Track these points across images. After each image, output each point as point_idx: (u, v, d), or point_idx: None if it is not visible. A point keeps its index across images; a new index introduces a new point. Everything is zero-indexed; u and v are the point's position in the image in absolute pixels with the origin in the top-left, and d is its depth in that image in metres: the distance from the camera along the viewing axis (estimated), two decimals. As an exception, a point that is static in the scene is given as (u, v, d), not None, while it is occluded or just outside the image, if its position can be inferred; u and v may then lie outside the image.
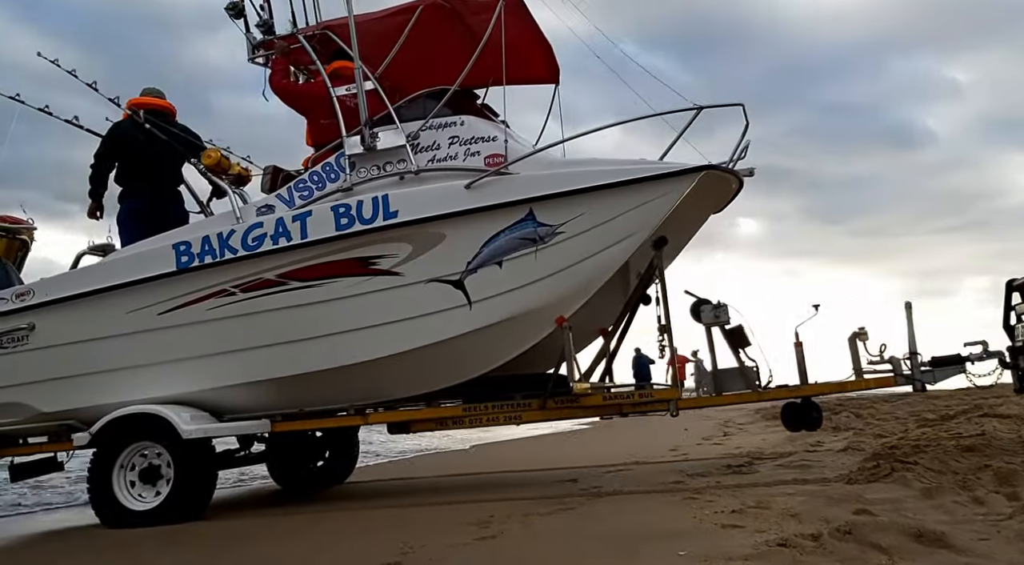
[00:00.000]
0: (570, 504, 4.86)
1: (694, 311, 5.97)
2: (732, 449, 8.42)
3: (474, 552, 3.66)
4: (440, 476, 8.05)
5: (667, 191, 5.35)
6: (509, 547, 3.75)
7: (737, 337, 5.92)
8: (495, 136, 5.57)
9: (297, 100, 6.12)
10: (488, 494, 5.69)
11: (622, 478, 6.23)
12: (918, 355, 5.59)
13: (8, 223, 7.25)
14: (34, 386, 6.08)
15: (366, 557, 3.70)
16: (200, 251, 5.66)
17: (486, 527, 4.19)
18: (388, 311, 5.45)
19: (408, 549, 3.73)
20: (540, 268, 5.38)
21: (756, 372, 5.90)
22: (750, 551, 3.08)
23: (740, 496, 4.56)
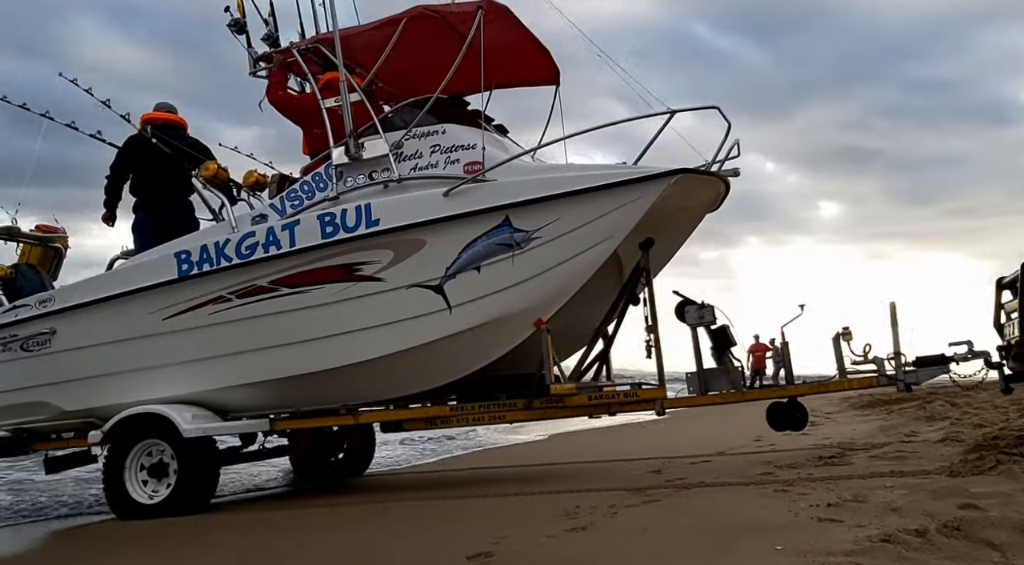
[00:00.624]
0: (655, 496, 4.80)
1: (679, 312, 6.01)
2: (821, 439, 8.09)
3: (565, 544, 3.64)
4: (521, 466, 7.99)
5: (640, 195, 5.40)
6: (600, 539, 3.71)
7: (722, 337, 5.95)
8: (474, 144, 5.70)
9: (291, 111, 6.37)
10: (571, 485, 5.65)
11: (707, 469, 6.12)
12: (902, 355, 5.53)
13: (42, 232, 7.72)
14: (57, 386, 6.50)
15: (456, 547, 3.70)
16: (199, 259, 5.97)
17: (574, 518, 4.18)
18: (372, 316, 5.65)
19: (498, 539, 3.73)
20: (517, 273, 5.50)
21: (741, 372, 5.93)
22: (851, 547, 2.97)
23: (835, 489, 4.43)
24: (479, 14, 5.80)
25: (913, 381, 5.51)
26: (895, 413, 10.98)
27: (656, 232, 5.98)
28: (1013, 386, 5.33)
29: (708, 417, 12.68)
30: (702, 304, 5.95)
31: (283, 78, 6.49)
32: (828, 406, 14.52)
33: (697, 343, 6.00)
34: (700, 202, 6.21)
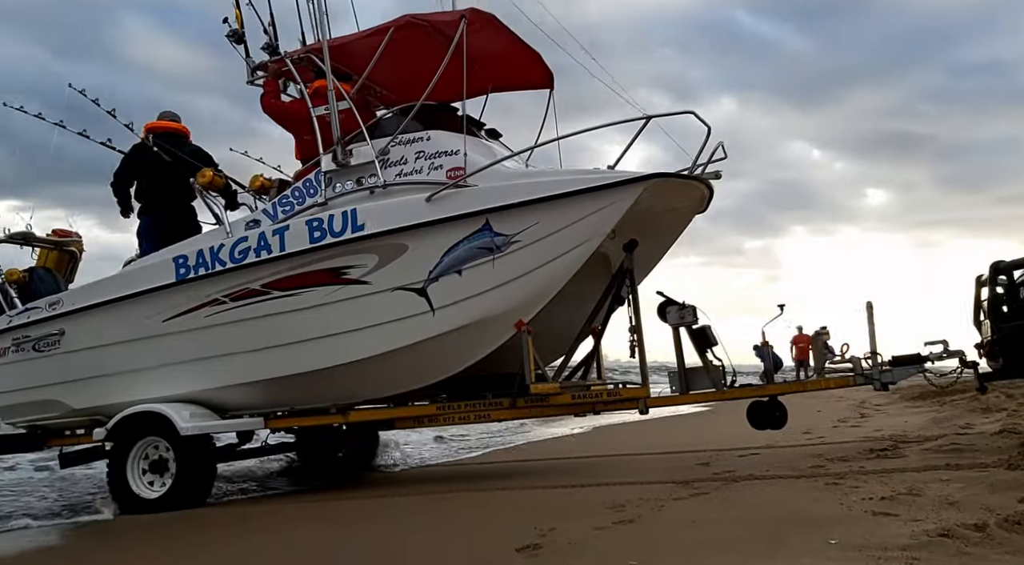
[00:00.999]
0: (703, 489, 4.76)
1: (660, 312, 6.11)
2: (872, 432, 7.92)
3: (614, 537, 3.61)
4: (563, 459, 7.98)
5: (615, 200, 5.50)
6: (648, 532, 3.68)
7: (702, 337, 6.03)
8: (457, 150, 5.84)
9: (283, 119, 6.57)
10: (616, 477, 5.63)
11: (756, 462, 6.04)
12: (878, 355, 5.58)
13: (58, 236, 8.03)
14: (66, 385, 6.78)
15: (504, 539, 3.70)
16: (195, 264, 6.19)
17: (621, 511, 4.15)
18: (359, 318, 5.82)
19: (545, 532, 3.73)
20: (498, 275, 5.64)
21: (722, 371, 6.01)
22: (908, 541, 2.90)
23: (889, 482, 4.34)
24: (462, 22, 5.92)
25: (889, 380, 5.55)
26: (948, 405, 10.71)
27: (641, 234, 6.09)
28: (987, 385, 5.33)
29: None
30: (683, 304, 6.04)
31: (276, 87, 6.69)
32: (878, 397, 13.85)
33: (679, 342, 6.10)
34: (687, 204, 6.30)
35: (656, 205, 5.94)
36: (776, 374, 6.18)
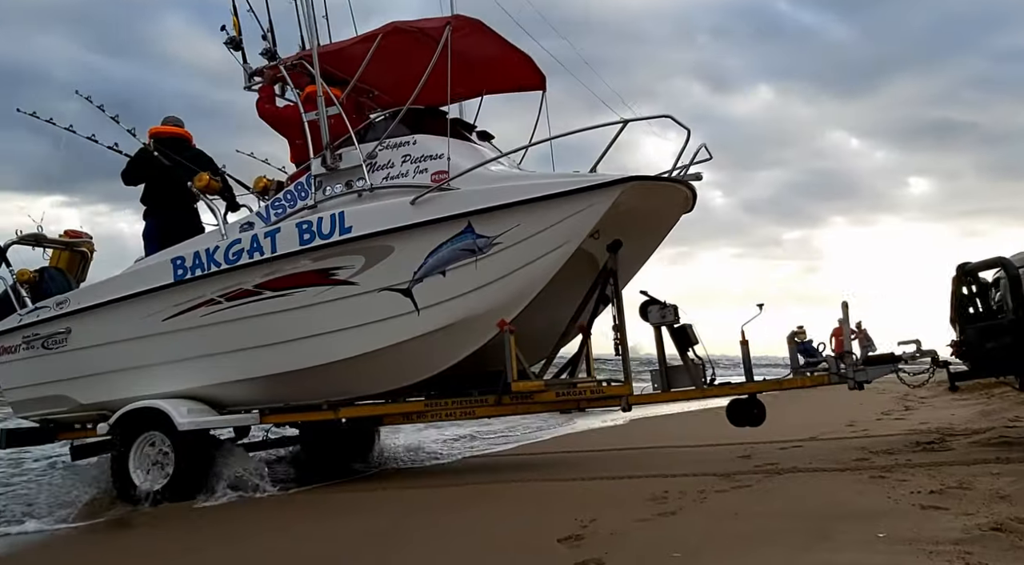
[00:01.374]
0: (745, 481, 4.74)
1: (642, 311, 6.23)
2: (917, 424, 7.81)
3: (656, 528, 3.61)
4: (602, 451, 7.96)
5: (593, 202, 5.62)
6: (690, 524, 3.68)
7: (683, 336, 6.14)
8: (441, 153, 5.99)
9: (277, 123, 6.77)
10: (657, 469, 5.63)
11: (798, 454, 6.00)
12: (852, 354, 5.66)
13: (69, 237, 8.31)
14: (73, 381, 7.05)
15: (547, 529, 3.73)
16: (192, 265, 6.42)
17: (663, 503, 4.15)
18: (347, 317, 6.01)
19: (587, 523, 3.74)
20: (480, 276, 5.79)
21: (702, 369, 6.12)
22: (960, 535, 2.88)
23: (937, 475, 4.30)
24: (447, 29, 6.06)
25: (863, 379, 5.63)
26: (996, 397, 10.50)
27: (626, 234, 6.20)
28: (959, 384, 5.39)
29: (795, 403, 11.77)
30: (664, 304, 6.16)
31: (272, 92, 6.89)
32: (922, 389, 13.49)
33: (660, 341, 6.21)
34: (671, 205, 6.41)
35: (639, 206, 6.04)
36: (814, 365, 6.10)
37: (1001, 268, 5.21)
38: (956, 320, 5.35)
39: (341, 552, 4.06)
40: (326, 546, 4.22)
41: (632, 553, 3.24)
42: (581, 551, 3.29)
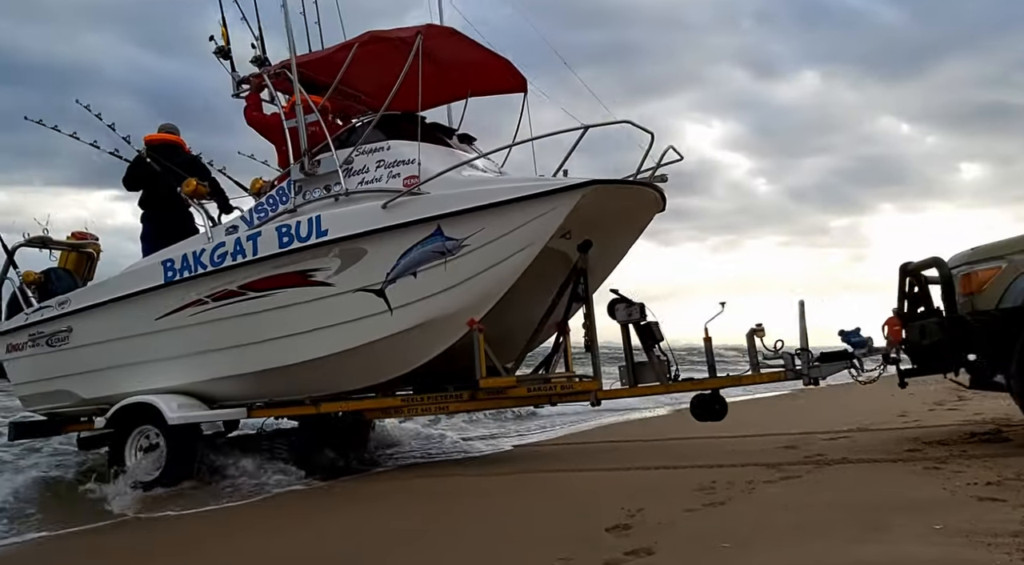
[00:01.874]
0: (794, 472, 4.70)
1: (610, 309, 6.43)
2: (971, 415, 7.60)
3: (704, 519, 3.61)
4: (647, 440, 7.94)
5: (555, 206, 5.82)
6: (739, 515, 3.66)
7: (648, 334, 6.34)
8: (413, 158, 6.23)
9: (263, 130, 7.06)
10: (703, 459, 5.62)
11: (848, 445, 5.94)
12: (808, 351, 5.81)
13: (76, 239, 8.68)
14: (75, 377, 7.42)
15: (593, 518, 3.74)
16: (180, 267, 6.73)
17: (710, 493, 4.14)
18: (325, 317, 6.27)
19: (634, 512, 3.74)
20: (450, 277, 6.02)
21: (667, 366, 6.31)
22: (1019, 527, 2.83)
23: (994, 467, 4.21)
24: (418, 38, 6.29)
25: (817, 375, 5.79)
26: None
27: (597, 235, 6.39)
28: (908, 381, 5.52)
29: (841, 395, 11.23)
30: (630, 302, 6.35)
31: (258, 100, 7.16)
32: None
33: (627, 338, 6.41)
34: (640, 206, 6.59)
35: (607, 208, 6.24)
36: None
37: (936, 268, 5.34)
38: (899, 317, 5.47)
39: (392, 536, 4.20)
40: (380, 529, 4.40)
41: (681, 543, 3.25)
42: (630, 540, 3.31)
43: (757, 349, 5.98)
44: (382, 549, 3.91)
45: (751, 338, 6.01)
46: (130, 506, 6.06)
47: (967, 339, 4.96)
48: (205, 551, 4.49)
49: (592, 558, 3.11)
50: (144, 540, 5.12)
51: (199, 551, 4.51)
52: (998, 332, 4.76)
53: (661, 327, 6.40)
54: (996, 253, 4.93)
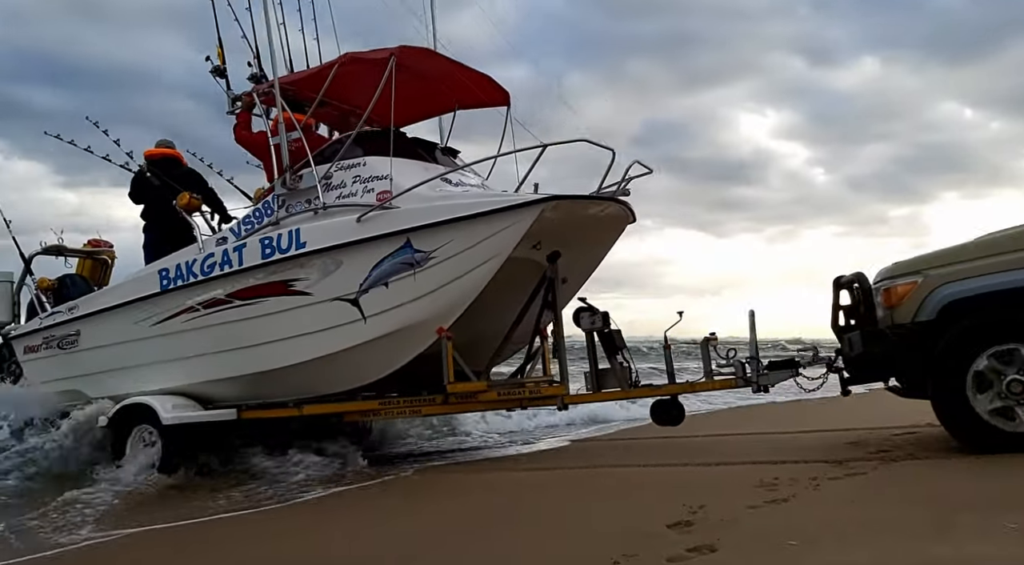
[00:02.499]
0: (860, 468, 4.66)
1: (576, 317, 6.70)
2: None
3: (768, 516, 3.57)
4: (706, 436, 7.90)
5: (516, 220, 6.10)
6: (804, 511, 3.63)
7: (611, 341, 6.60)
8: (386, 174, 6.57)
9: (250, 148, 7.47)
10: (762, 456, 5.61)
11: (914, 441, 5.87)
12: (757, 360, 6.02)
13: (92, 247, 9.22)
14: (84, 377, 7.93)
15: (655, 515, 3.73)
16: (175, 276, 7.18)
17: (773, 490, 4.10)
18: (304, 324, 6.65)
19: (696, 509, 3.73)
20: (419, 288, 6.34)
21: (628, 372, 6.57)
22: None
23: None
24: (391, 60, 6.61)
25: (766, 383, 5.99)
26: None
27: (567, 246, 6.67)
28: (850, 389, 5.69)
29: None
30: (594, 311, 6.62)
31: (248, 118, 7.57)
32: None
33: (592, 345, 6.68)
34: (608, 218, 6.87)
35: (573, 221, 6.52)
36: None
37: (858, 283, 5.52)
38: (834, 329, 5.66)
39: (453, 529, 4.27)
40: (436, 523, 4.50)
41: (745, 540, 3.20)
42: (692, 537, 3.28)
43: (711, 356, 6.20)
44: (437, 543, 3.91)
45: (705, 347, 6.24)
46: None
47: (887, 351, 5.14)
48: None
49: (655, 555, 3.09)
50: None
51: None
52: (914, 345, 4.94)
53: (623, 335, 6.65)
54: (913, 268, 5.11)
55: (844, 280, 5.58)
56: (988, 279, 4.76)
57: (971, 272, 4.84)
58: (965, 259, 4.92)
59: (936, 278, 4.93)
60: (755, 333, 6.06)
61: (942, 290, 4.87)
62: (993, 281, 4.74)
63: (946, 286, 4.87)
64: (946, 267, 4.95)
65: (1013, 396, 4.62)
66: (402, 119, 8.28)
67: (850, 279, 5.57)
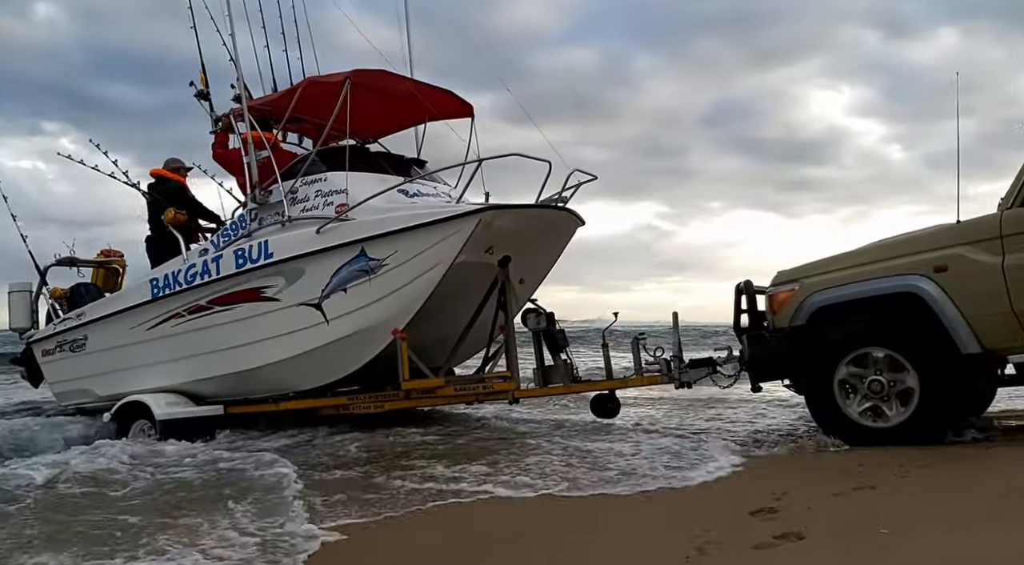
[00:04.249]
0: (951, 455, 4.61)
1: (523, 318, 7.19)
2: None
3: (855, 503, 3.52)
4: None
5: (456, 230, 6.61)
6: (893, 499, 3.53)
7: (554, 340, 7.07)
8: (344, 188, 7.11)
9: (226, 165, 8.10)
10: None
11: (1012, 428, 5.76)
12: (679, 358, 6.43)
13: (104, 256, 9.97)
14: (93, 377, 8.68)
15: (737, 502, 3.71)
16: (163, 285, 7.86)
17: (859, 476, 4.05)
18: (274, 327, 7.26)
19: (780, 495, 3.69)
20: (374, 292, 6.89)
21: (571, 369, 7.04)
22: None
23: None
24: (346, 84, 7.15)
25: (687, 379, 6.39)
26: None
27: (517, 250, 7.14)
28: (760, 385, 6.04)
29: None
30: (540, 312, 7.10)
31: (225, 138, 8.20)
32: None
33: (539, 344, 7.16)
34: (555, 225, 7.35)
35: (519, 228, 6.99)
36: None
37: (745, 289, 5.88)
38: (735, 330, 6.03)
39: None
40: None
41: (834, 528, 3.14)
42: (777, 524, 3.22)
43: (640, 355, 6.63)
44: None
45: (636, 345, 6.66)
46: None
47: (767, 353, 5.51)
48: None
49: (741, 541, 3.06)
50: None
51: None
52: (790, 348, 5.30)
53: (567, 334, 7.11)
54: (792, 277, 5.47)
55: (740, 286, 5.95)
56: (848, 288, 5.12)
57: (836, 282, 5.20)
58: (835, 269, 5.27)
59: (809, 287, 5.30)
60: (678, 332, 6.46)
61: (813, 298, 5.23)
62: (851, 290, 5.10)
63: (816, 294, 5.24)
64: (818, 276, 5.30)
65: (875, 395, 4.98)
66: (375, 132, 8.89)
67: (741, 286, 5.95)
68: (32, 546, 3.83)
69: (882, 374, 5.01)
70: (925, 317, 4.94)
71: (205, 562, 3.42)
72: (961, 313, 4.86)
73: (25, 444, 7.73)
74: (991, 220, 4.95)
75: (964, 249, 4.94)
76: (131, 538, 3.87)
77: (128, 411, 7.98)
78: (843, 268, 5.25)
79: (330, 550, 3.61)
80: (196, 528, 4.00)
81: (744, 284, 5.92)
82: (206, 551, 3.57)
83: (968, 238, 4.97)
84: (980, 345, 4.84)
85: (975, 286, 4.87)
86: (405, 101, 8.08)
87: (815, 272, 5.36)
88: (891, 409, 5.03)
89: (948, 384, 4.93)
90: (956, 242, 4.99)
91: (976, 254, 4.90)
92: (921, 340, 4.97)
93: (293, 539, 3.71)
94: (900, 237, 5.44)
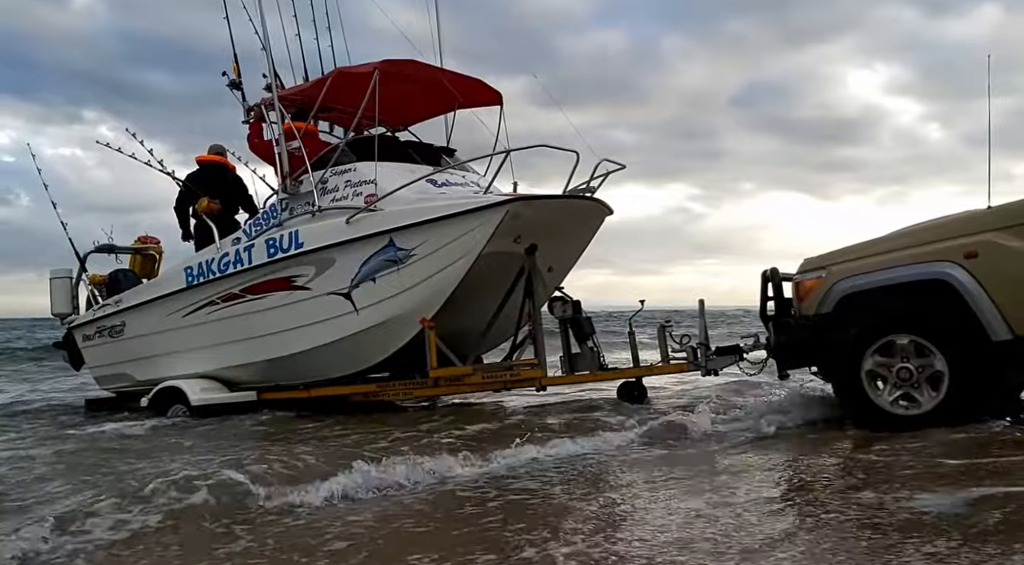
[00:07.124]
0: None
1: (549, 307, 7.25)
2: None
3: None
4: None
5: (483, 221, 6.67)
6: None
7: (581, 328, 7.12)
8: (373, 179, 7.20)
9: (261, 155, 8.20)
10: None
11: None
12: (706, 346, 6.44)
13: (141, 243, 10.16)
14: (131, 363, 8.90)
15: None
16: (197, 273, 8.02)
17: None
18: (305, 316, 7.39)
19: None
20: (403, 282, 6.99)
21: (597, 356, 7.09)
22: None
23: None
24: (375, 75, 7.21)
25: (714, 367, 6.41)
26: None
27: (545, 239, 7.18)
28: (788, 372, 6.02)
29: None
30: (566, 300, 7.15)
31: (259, 128, 8.29)
32: None
33: (566, 333, 7.21)
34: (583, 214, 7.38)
35: (546, 218, 7.03)
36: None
37: (772, 277, 5.84)
38: (762, 318, 6.00)
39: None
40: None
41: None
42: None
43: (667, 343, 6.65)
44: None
45: (662, 333, 6.69)
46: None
47: (793, 341, 5.49)
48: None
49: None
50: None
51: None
52: (817, 335, 5.27)
53: (593, 322, 7.15)
54: (819, 264, 5.41)
55: (768, 273, 5.92)
56: (876, 276, 5.07)
57: (864, 269, 5.15)
58: (862, 256, 5.22)
59: (836, 274, 5.25)
60: (704, 320, 6.47)
61: (840, 285, 5.19)
62: (879, 277, 5.05)
63: (844, 281, 5.19)
64: (845, 264, 5.26)
65: (905, 383, 4.95)
66: (405, 120, 8.94)
67: (768, 272, 5.91)
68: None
69: (909, 361, 4.95)
70: (955, 304, 4.88)
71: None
72: (992, 300, 4.78)
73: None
74: (1022, 205, 4.88)
75: (995, 235, 4.86)
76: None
77: (165, 396, 8.19)
78: (870, 255, 5.19)
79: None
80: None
81: (770, 271, 5.89)
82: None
83: (999, 224, 4.88)
84: (1011, 332, 4.77)
85: (1006, 272, 4.79)
86: (434, 89, 8.13)
87: (842, 259, 5.31)
88: (922, 395, 4.98)
89: (979, 370, 4.84)
90: (986, 228, 4.91)
91: (1007, 240, 4.81)
92: (951, 327, 4.89)
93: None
94: (929, 223, 5.35)
